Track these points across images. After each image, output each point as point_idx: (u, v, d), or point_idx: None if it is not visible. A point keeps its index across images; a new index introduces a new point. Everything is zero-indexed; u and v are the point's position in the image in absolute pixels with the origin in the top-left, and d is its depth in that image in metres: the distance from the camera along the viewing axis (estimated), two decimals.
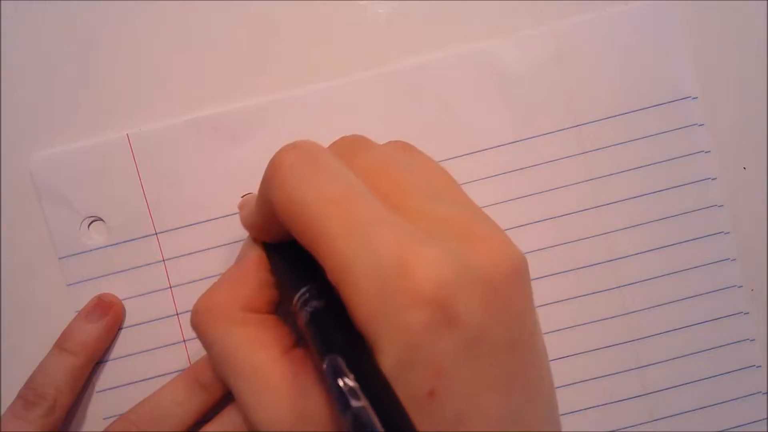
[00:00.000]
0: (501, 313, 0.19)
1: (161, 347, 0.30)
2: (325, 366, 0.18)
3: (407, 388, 0.17)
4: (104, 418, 0.29)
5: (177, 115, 0.30)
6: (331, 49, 0.30)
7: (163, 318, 0.30)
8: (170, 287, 0.30)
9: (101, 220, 0.30)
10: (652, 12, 0.29)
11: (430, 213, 0.20)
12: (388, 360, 0.18)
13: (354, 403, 0.17)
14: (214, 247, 0.29)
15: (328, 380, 0.18)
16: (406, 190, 0.21)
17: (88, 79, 0.30)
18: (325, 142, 0.29)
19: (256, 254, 0.25)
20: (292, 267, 0.23)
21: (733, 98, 0.30)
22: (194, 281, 0.29)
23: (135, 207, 0.29)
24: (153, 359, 0.30)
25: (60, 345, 0.29)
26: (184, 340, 0.30)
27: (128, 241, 0.30)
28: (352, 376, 0.17)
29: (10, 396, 0.28)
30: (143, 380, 0.30)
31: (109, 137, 0.29)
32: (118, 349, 0.30)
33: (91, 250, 0.30)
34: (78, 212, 0.29)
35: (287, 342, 0.23)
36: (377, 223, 0.19)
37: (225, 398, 0.29)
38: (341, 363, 0.18)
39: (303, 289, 0.21)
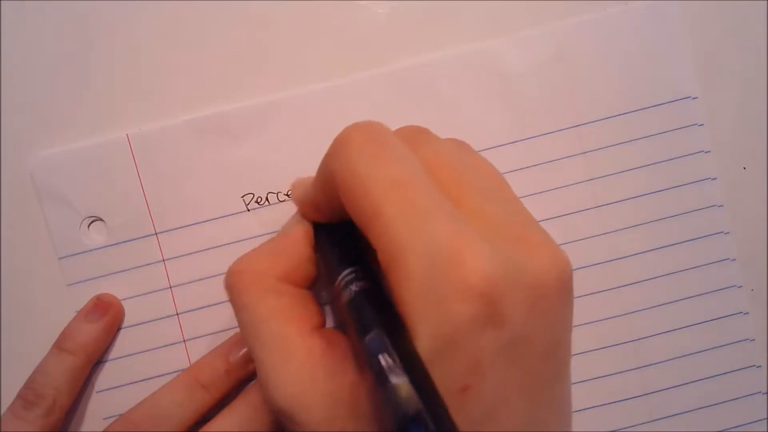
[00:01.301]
0: (544, 320, 0.19)
1: (161, 347, 0.30)
2: (367, 340, 0.18)
3: (441, 380, 0.17)
4: (104, 418, 0.29)
5: (177, 115, 0.30)
6: (331, 49, 0.30)
7: (163, 318, 0.30)
8: (170, 287, 0.30)
9: (101, 220, 0.30)
10: (652, 12, 0.29)
11: (487, 212, 0.20)
12: (427, 348, 0.18)
13: (393, 379, 0.16)
14: (214, 247, 0.29)
15: (367, 355, 0.18)
16: (465, 187, 0.21)
17: (88, 79, 0.30)
18: (325, 142, 0.29)
19: (303, 229, 0.25)
20: (338, 248, 0.23)
21: (733, 98, 0.30)
22: (194, 281, 0.30)
23: (135, 207, 0.29)
24: (153, 359, 0.30)
25: (59, 345, 0.29)
26: (184, 340, 0.30)
27: (128, 241, 0.30)
28: (394, 353, 0.17)
29: (10, 396, 0.28)
30: (143, 380, 0.30)
31: (109, 137, 0.29)
32: (118, 349, 0.30)
33: (91, 250, 0.30)
34: (78, 212, 0.29)
35: (318, 320, 0.23)
36: (437, 211, 0.19)
37: (225, 398, 0.29)
38: (384, 340, 0.18)
39: (347, 270, 0.21)
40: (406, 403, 0.16)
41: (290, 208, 0.29)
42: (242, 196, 0.29)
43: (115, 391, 0.30)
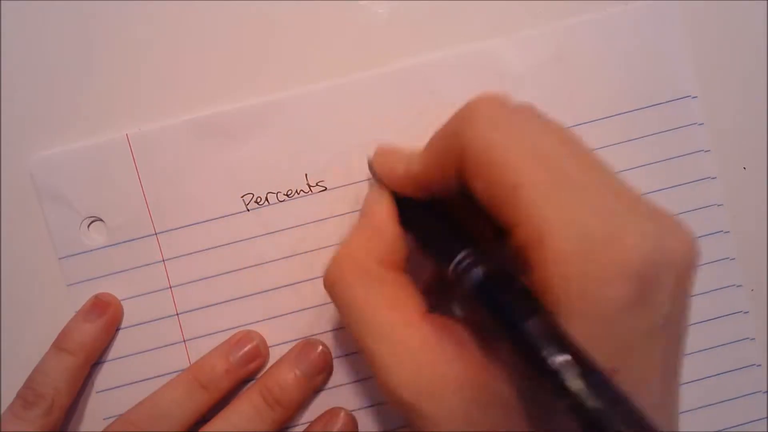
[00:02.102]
0: (682, 300, 0.19)
1: (161, 347, 0.30)
2: (527, 329, 0.17)
3: None
4: (104, 419, 0.29)
5: (177, 115, 0.29)
6: (331, 49, 0.30)
7: (163, 318, 0.30)
8: (170, 287, 0.30)
9: (101, 220, 0.30)
10: (652, 12, 0.29)
11: (620, 192, 0.19)
12: (577, 331, 0.17)
13: (573, 383, 0.16)
14: (214, 247, 0.29)
15: (528, 346, 0.17)
16: (593, 164, 0.20)
17: (88, 79, 0.30)
18: (325, 142, 0.29)
19: (388, 205, 0.24)
20: (440, 228, 0.22)
21: (733, 97, 0.30)
22: (194, 281, 0.29)
23: (135, 207, 0.29)
24: (153, 359, 0.30)
25: (58, 345, 0.29)
26: (184, 340, 0.30)
27: (128, 241, 0.30)
28: (558, 340, 0.17)
29: (10, 396, 0.28)
30: (143, 380, 0.29)
31: (108, 137, 0.29)
32: (118, 350, 0.30)
33: (91, 251, 0.30)
34: (78, 212, 0.29)
35: (423, 305, 0.22)
36: (586, 187, 0.18)
37: (225, 398, 0.29)
38: (545, 327, 0.17)
39: (464, 252, 0.20)
40: (589, 397, 0.16)
41: (290, 209, 0.29)
42: (242, 196, 0.29)
43: (115, 391, 0.30)
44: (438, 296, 0.23)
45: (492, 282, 0.20)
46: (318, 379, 0.29)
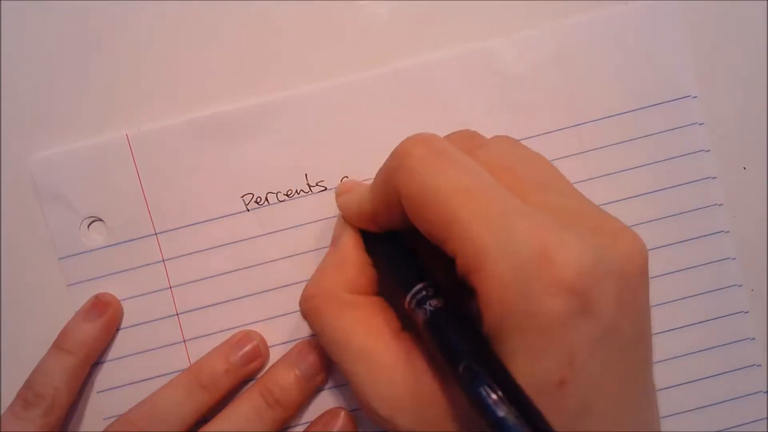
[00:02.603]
0: (630, 307, 0.19)
1: (161, 347, 0.30)
2: (461, 373, 0.18)
3: (537, 377, 0.18)
4: (104, 419, 0.29)
5: (177, 115, 0.30)
6: (331, 49, 0.30)
7: (163, 318, 0.30)
8: (170, 287, 0.30)
9: (101, 220, 0.30)
10: (652, 12, 0.29)
11: (557, 206, 0.20)
12: (521, 349, 0.18)
13: (499, 412, 0.17)
14: (214, 247, 0.29)
15: (463, 387, 0.18)
16: (528, 183, 0.21)
17: (88, 80, 0.30)
18: (325, 142, 0.29)
19: (354, 236, 0.25)
20: (398, 260, 0.24)
21: (732, 97, 0.30)
22: (194, 281, 0.29)
23: (135, 207, 0.29)
24: (153, 359, 0.30)
25: (58, 345, 0.29)
26: (184, 340, 0.30)
27: (128, 241, 0.30)
28: (494, 385, 0.18)
29: (10, 396, 0.28)
30: (143, 380, 0.29)
31: (108, 137, 0.29)
32: (118, 350, 0.30)
33: (91, 251, 0.30)
34: (78, 212, 0.29)
35: (395, 324, 0.23)
36: (513, 212, 0.19)
37: (224, 398, 0.29)
38: (479, 372, 0.18)
39: (417, 286, 0.22)
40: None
41: (290, 209, 0.29)
42: (242, 196, 0.29)
43: (116, 391, 0.30)
44: (404, 317, 0.24)
45: (437, 318, 0.21)
46: (318, 379, 0.29)
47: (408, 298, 0.22)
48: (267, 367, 0.30)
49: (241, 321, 0.30)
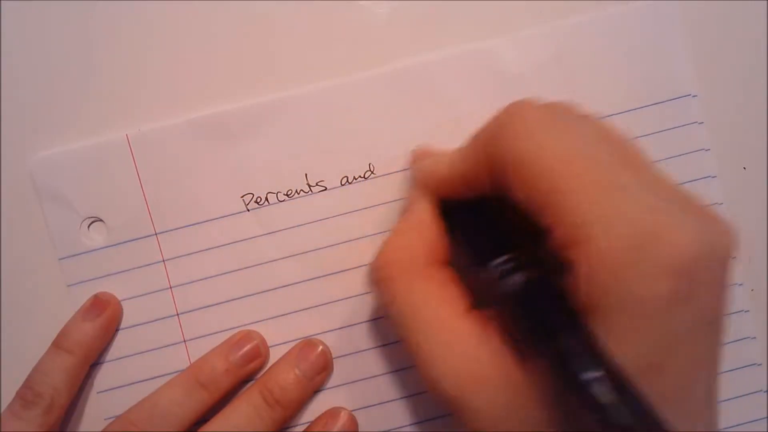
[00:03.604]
0: (722, 294, 0.19)
1: (161, 347, 0.30)
2: (557, 347, 0.18)
3: (635, 359, 0.17)
4: (105, 419, 0.29)
5: (177, 115, 0.30)
6: (331, 49, 0.30)
7: (163, 318, 0.30)
8: (170, 287, 0.30)
9: (101, 220, 0.30)
10: (652, 11, 0.29)
11: (660, 186, 0.20)
12: (620, 329, 0.17)
13: (601, 392, 0.16)
14: (214, 247, 0.29)
15: (561, 364, 0.18)
16: (634, 161, 0.20)
17: (88, 80, 0.30)
18: (325, 142, 0.29)
19: (430, 205, 0.24)
20: (480, 230, 0.23)
21: (732, 96, 0.30)
22: (194, 281, 0.29)
23: (135, 207, 0.29)
24: (153, 359, 0.30)
25: (57, 344, 0.28)
26: (184, 340, 0.30)
27: (128, 241, 0.30)
28: (594, 364, 0.17)
29: (10, 396, 0.28)
30: (144, 381, 0.29)
31: (108, 138, 0.29)
32: (118, 350, 0.30)
33: (91, 251, 0.30)
34: (78, 213, 0.29)
35: (467, 300, 0.22)
36: (624, 187, 0.18)
37: (224, 398, 0.29)
38: (579, 346, 0.17)
39: (503, 258, 0.21)
40: (619, 414, 0.16)
41: (290, 209, 0.29)
42: (242, 196, 0.29)
43: (116, 391, 0.30)
44: (479, 291, 0.23)
45: (530, 290, 0.20)
46: (318, 379, 0.29)
47: (492, 269, 0.21)
48: (267, 367, 0.29)
49: (241, 321, 0.30)
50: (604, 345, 0.18)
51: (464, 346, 0.21)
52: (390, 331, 0.29)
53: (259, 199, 0.29)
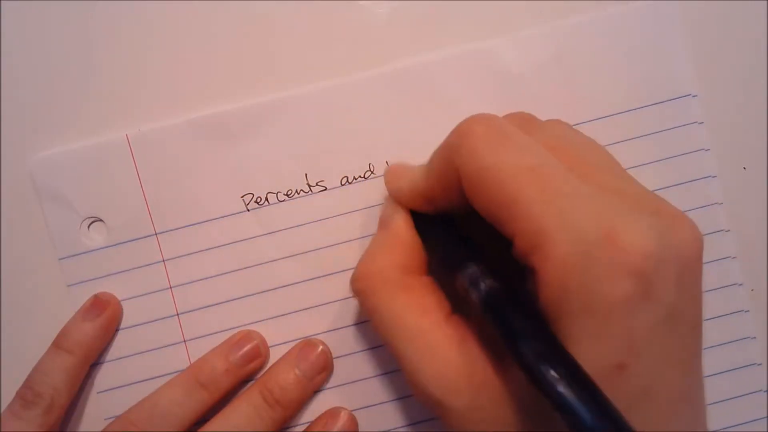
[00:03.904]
0: (689, 292, 0.19)
1: (161, 347, 0.30)
2: (522, 351, 0.18)
3: (597, 360, 0.18)
4: (105, 419, 0.29)
5: (176, 115, 0.30)
6: (331, 49, 0.30)
7: (163, 318, 0.30)
8: (170, 287, 0.30)
9: (101, 220, 0.30)
10: (652, 11, 0.29)
11: (616, 189, 0.20)
12: (581, 332, 0.18)
13: (564, 392, 0.17)
14: (214, 247, 0.29)
15: (524, 366, 0.18)
16: (587, 165, 0.21)
17: (88, 80, 0.30)
18: (325, 142, 0.29)
19: (404, 217, 0.25)
20: (450, 241, 0.24)
21: (732, 96, 0.30)
22: (194, 281, 0.29)
23: (135, 207, 0.29)
24: (153, 360, 0.30)
25: (57, 344, 0.28)
26: (184, 341, 0.30)
27: (128, 241, 0.30)
28: (558, 365, 0.17)
29: (10, 396, 0.28)
30: (144, 381, 0.29)
31: (108, 138, 0.29)
32: (118, 350, 0.30)
33: (91, 251, 0.30)
34: (78, 213, 0.29)
35: (447, 306, 0.23)
36: (577, 193, 0.19)
37: (224, 398, 0.29)
38: (540, 349, 0.18)
39: (472, 268, 0.22)
40: (581, 413, 0.16)
41: (290, 209, 0.29)
42: (242, 196, 0.29)
43: (116, 391, 0.30)
44: (456, 298, 0.24)
45: (495, 298, 0.21)
46: (318, 379, 0.29)
47: (462, 278, 0.22)
48: (267, 367, 0.29)
49: (241, 321, 0.30)
50: (567, 348, 0.18)
51: (445, 352, 0.22)
52: None
53: (259, 199, 0.29)
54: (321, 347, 0.29)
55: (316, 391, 0.29)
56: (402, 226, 0.25)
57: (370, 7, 0.30)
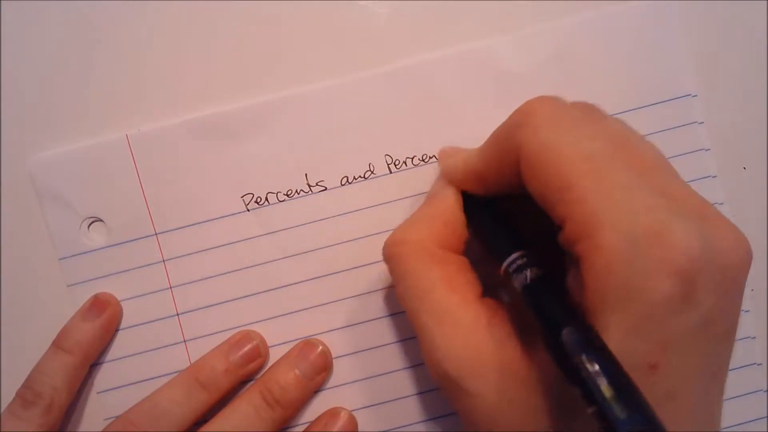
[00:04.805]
0: (727, 301, 0.19)
1: (161, 347, 0.30)
2: (564, 339, 0.18)
3: (630, 357, 0.18)
4: (105, 419, 0.29)
5: (176, 116, 0.30)
6: (331, 49, 0.30)
7: (163, 318, 0.30)
8: (170, 287, 0.30)
9: (101, 220, 0.30)
10: (652, 11, 0.29)
11: (669, 189, 0.20)
12: (618, 326, 0.18)
13: (600, 384, 0.17)
14: (214, 247, 0.29)
15: (562, 354, 0.18)
16: (644, 164, 0.21)
17: (88, 80, 0.30)
18: (325, 142, 0.29)
19: (453, 194, 0.25)
20: (499, 225, 0.24)
21: (732, 96, 0.30)
22: (194, 281, 0.29)
23: (135, 208, 0.29)
24: (153, 360, 0.30)
25: (57, 344, 0.28)
26: (184, 341, 0.30)
27: (128, 241, 0.30)
28: (595, 356, 0.17)
29: (10, 396, 0.28)
30: (144, 381, 0.29)
31: (108, 138, 0.29)
32: (118, 350, 0.30)
33: (91, 251, 0.30)
34: (78, 213, 0.29)
35: (478, 288, 0.23)
36: (633, 187, 0.19)
37: (224, 398, 0.29)
38: (581, 338, 0.18)
39: (516, 254, 0.22)
40: (615, 407, 0.16)
41: (290, 209, 0.29)
42: (242, 196, 0.29)
43: (116, 391, 0.30)
44: (490, 284, 0.24)
45: (537, 287, 0.21)
46: (318, 379, 0.29)
47: (505, 264, 0.22)
48: (267, 367, 0.29)
49: (241, 321, 0.30)
50: (605, 341, 0.18)
51: (470, 331, 0.21)
52: (389, 331, 0.29)
53: (259, 199, 0.29)
54: (321, 347, 0.29)
55: (316, 391, 0.29)
56: (448, 201, 0.25)
57: (370, 7, 0.30)
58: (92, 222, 0.30)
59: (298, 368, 0.28)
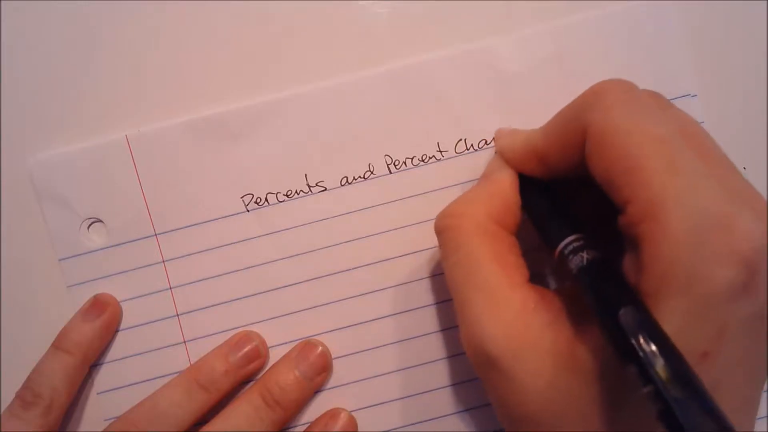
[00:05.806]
0: None
1: (161, 348, 0.30)
2: (621, 319, 0.18)
3: (686, 343, 0.17)
4: (105, 420, 0.29)
5: (176, 116, 0.30)
6: (331, 49, 0.30)
7: (163, 319, 0.30)
8: (170, 288, 0.30)
9: (101, 221, 0.30)
10: (652, 11, 0.29)
11: (732, 180, 0.20)
12: (675, 311, 0.18)
13: (657, 365, 0.17)
14: (214, 248, 0.29)
15: (621, 336, 0.18)
16: (709, 155, 0.21)
17: (88, 80, 0.30)
18: (325, 142, 0.29)
19: (510, 174, 0.25)
20: (556, 207, 0.24)
21: (732, 97, 0.30)
22: (194, 282, 0.29)
23: (134, 208, 0.29)
24: (153, 360, 0.30)
25: (56, 345, 0.28)
26: (184, 341, 0.30)
27: (128, 242, 0.30)
28: (652, 338, 0.17)
29: (10, 396, 0.28)
30: (144, 381, 0.29)
31: (108, 139, 0.29)
32: (118, 351, 0.30)
33: (90, 252, 0.30)
34: (77, 214, 0.29)
35: (526, 272, 0.23)
36: (700, 174, 0.19)
37: (224, 399, 0.29)
38: (638, 319, 0.18)
39: (573, 236, 0.22)
40: (672, 387, 0.16)
41: (290, 209, 0.29)
42: (242, 197, 0.29)
43: (116, 392, 0.30)
44: (540, 269, 0.24)
45: (594, 269, 0.21)
46: (318, 379, 0.29)
47: (561, 245, 0.22)
48: (267, 368, 0.29)
49: (241, 321, 0.30)
50: (662, 326, 0.18)
51: (517, 311, 0.21)
52: (389, 332, 0.29)
53: (259, 200, 0.29)
54: (320, 348, 0.29)
55: (316, 391, 0.29)
56: (505, 180, 0.25)
57: (370, 7, 0.30)
58: (92, 222, 0.30)
59: (298, 369, 0.28)
